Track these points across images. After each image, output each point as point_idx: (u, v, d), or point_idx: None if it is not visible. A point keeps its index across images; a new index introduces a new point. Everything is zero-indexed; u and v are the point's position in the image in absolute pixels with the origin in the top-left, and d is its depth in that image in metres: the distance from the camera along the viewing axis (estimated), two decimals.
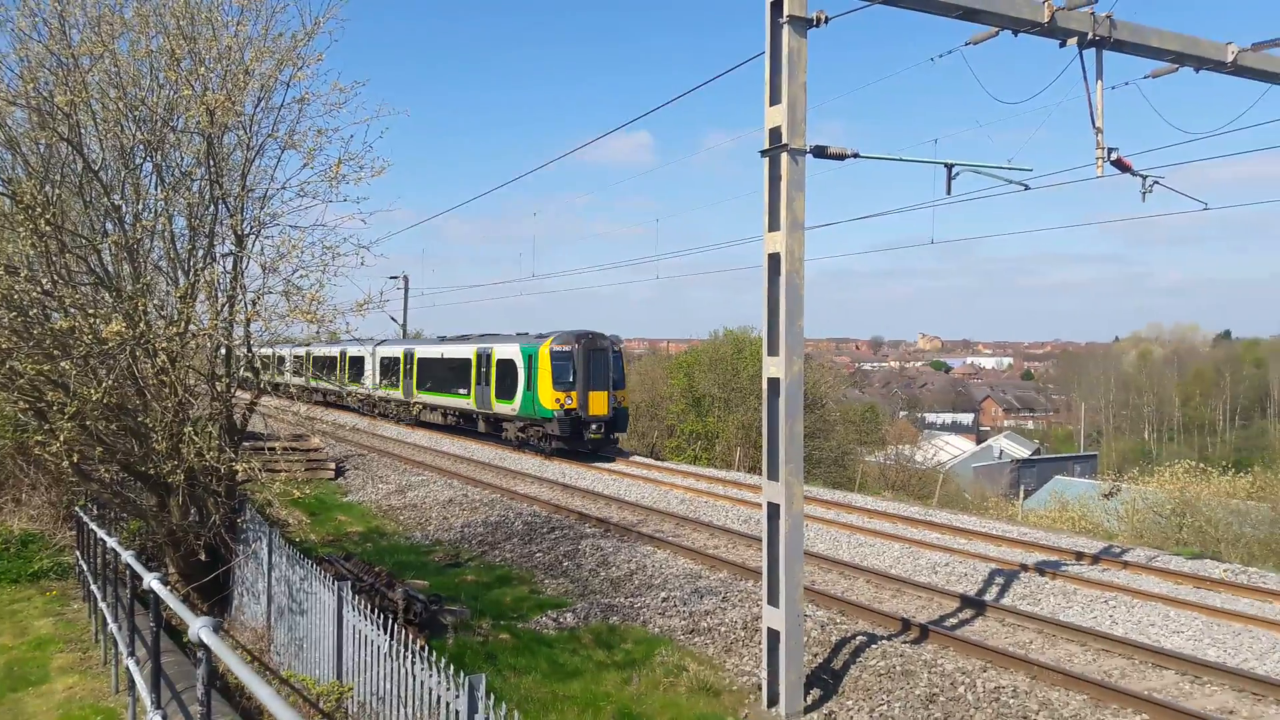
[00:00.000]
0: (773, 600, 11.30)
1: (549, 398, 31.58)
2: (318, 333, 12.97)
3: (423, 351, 42.77)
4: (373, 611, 8.72)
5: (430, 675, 7.10)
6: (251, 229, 13.11)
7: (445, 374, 39.91)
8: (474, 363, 36.67)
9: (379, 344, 47.75)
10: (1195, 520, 29.45)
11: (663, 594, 15.54)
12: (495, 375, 35.08)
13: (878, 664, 12.25)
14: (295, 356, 34.19)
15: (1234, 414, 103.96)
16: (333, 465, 30.04)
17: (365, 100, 20.26)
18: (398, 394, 43.97)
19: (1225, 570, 17.37)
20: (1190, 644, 12.86)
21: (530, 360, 32.45)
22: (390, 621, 8.43)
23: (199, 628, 5.07)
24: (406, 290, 59.78)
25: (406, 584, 14.71)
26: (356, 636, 9.01)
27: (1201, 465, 35.71)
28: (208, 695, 5.22)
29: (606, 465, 31.18)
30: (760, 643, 11.74)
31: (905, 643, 13.01)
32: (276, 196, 13.23)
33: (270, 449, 14.30)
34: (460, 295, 59.17)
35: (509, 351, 34.19)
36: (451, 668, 6.84)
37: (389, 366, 45.82)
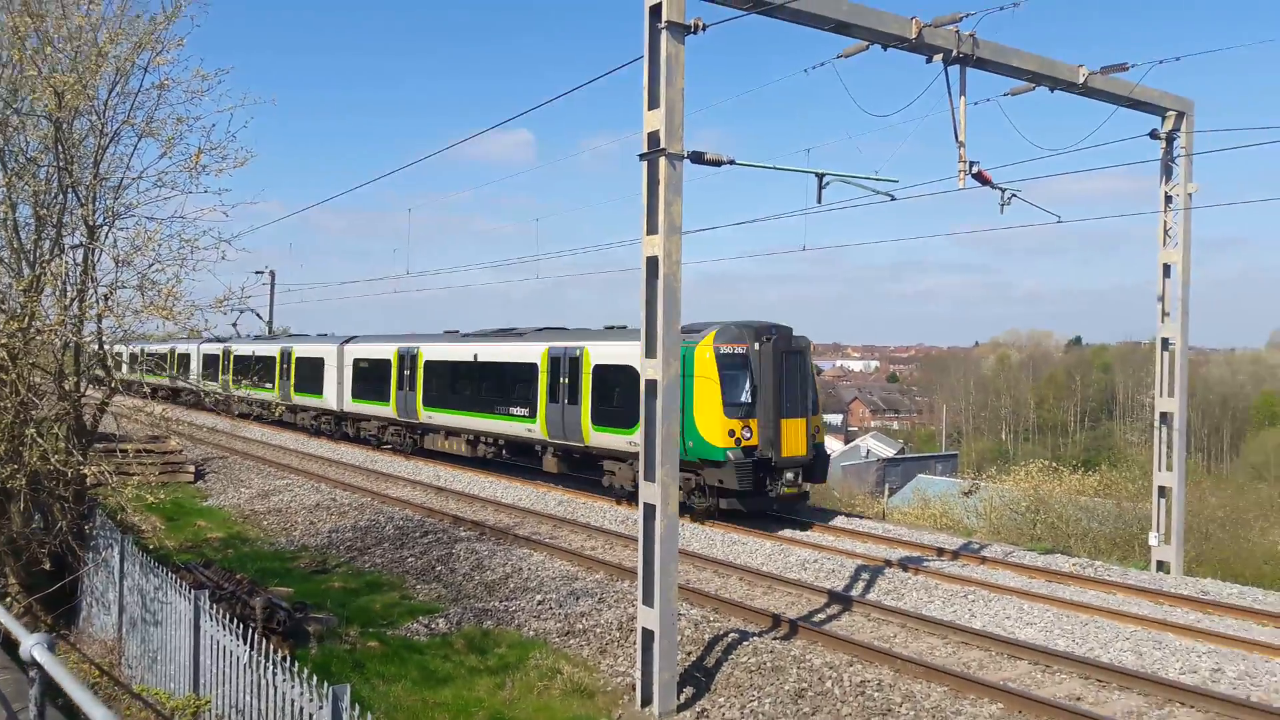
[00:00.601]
0: (647, 600, 11.36)
1: (716, 428, 20.22)
2: (177, 329, 12.39)
3: (433, 351, 30.97)
4: (233, 621, 8.36)
5: (293, 686, 6.84)
6: (105, 220, 12.43)
7: (480, 384, 28.51)
8: (544, 368, 25.18)
9: (346, 341, 36.73)
10: (1048, 516, 31.14)
11: (538, 597, 15.43)
12: (594, 388, 23.50)
13: (749, 660, 12.46)
14: (240, 355, 32.84)
15: (1084, 415, 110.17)
16: (192, 468, 28.71)
17: (230, 88, 19.51)
18: (386, 410, 32.86)
19: (1074, 564, 18.36)
20: (1042, 635, 13.53)
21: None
22: (251, 631, 8.10)
23: (31, 645, 4.75)
24: (273, 286, 57.70)
25: (270, 592, 14.17)
26: (215, 647, 8.62)
27: (1054, 464, 37.81)
28: (40, 718, 4.89)
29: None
30: (635, 643, 11.78)
31: (776, 639, 13.27)
32: (132, 186, 12.58)
33: (123, 451, 13.52)
34: (331, 292, 56.91)
35: (623, 353, 21.94)
36: (315, 678, 6.61)
37: (372, 371, 33.92)
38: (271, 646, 7.66)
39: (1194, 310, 18.17)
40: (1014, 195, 14.91)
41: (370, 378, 34.17)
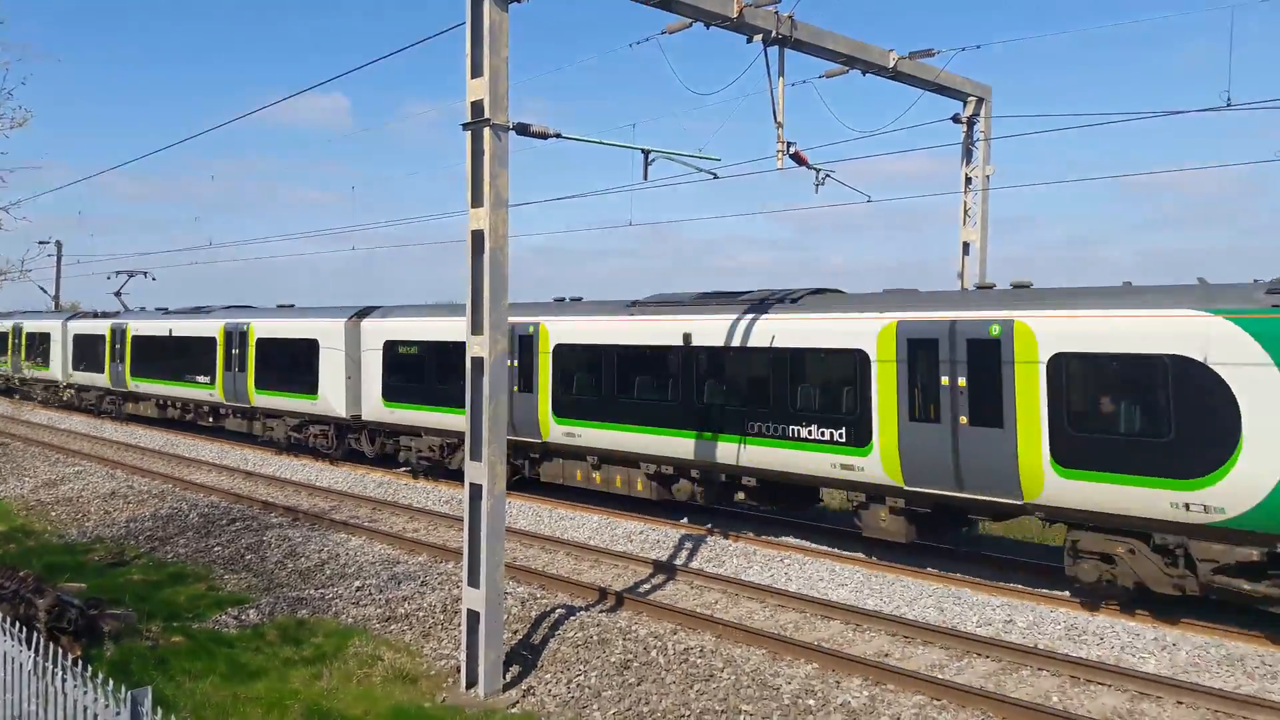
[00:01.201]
0: (473, 581, 11.16)
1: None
2: None
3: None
4: (13, 623, 7.61)
5: (85, 692, 6.29)
6: None
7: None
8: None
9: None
10: None
11: (357, 582, 14.92)
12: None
13: (576, 635, 12.49)
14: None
15: None
16: None
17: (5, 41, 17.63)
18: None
19: None
20: (853, 595, 14.21)
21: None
22: (35, 633, 7.39)
23: None
24: (60, 258, 53.13)
25: (59, 589, 13.05)
26: None
27: None
28: None
29: None
30: (460, 625, 11.57)
31: (603, 612, 13.36)
32: None
33: None
34: (129, 264, 52.73)
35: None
36: (111, 681, 6.10)
37: (90, 346, 37.76)
38: (61, 649, 7.02)
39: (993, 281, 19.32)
40: (828, 175, 15.49)
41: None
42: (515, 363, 20.07)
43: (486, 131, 10.88)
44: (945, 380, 14.07)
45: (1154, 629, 12.42)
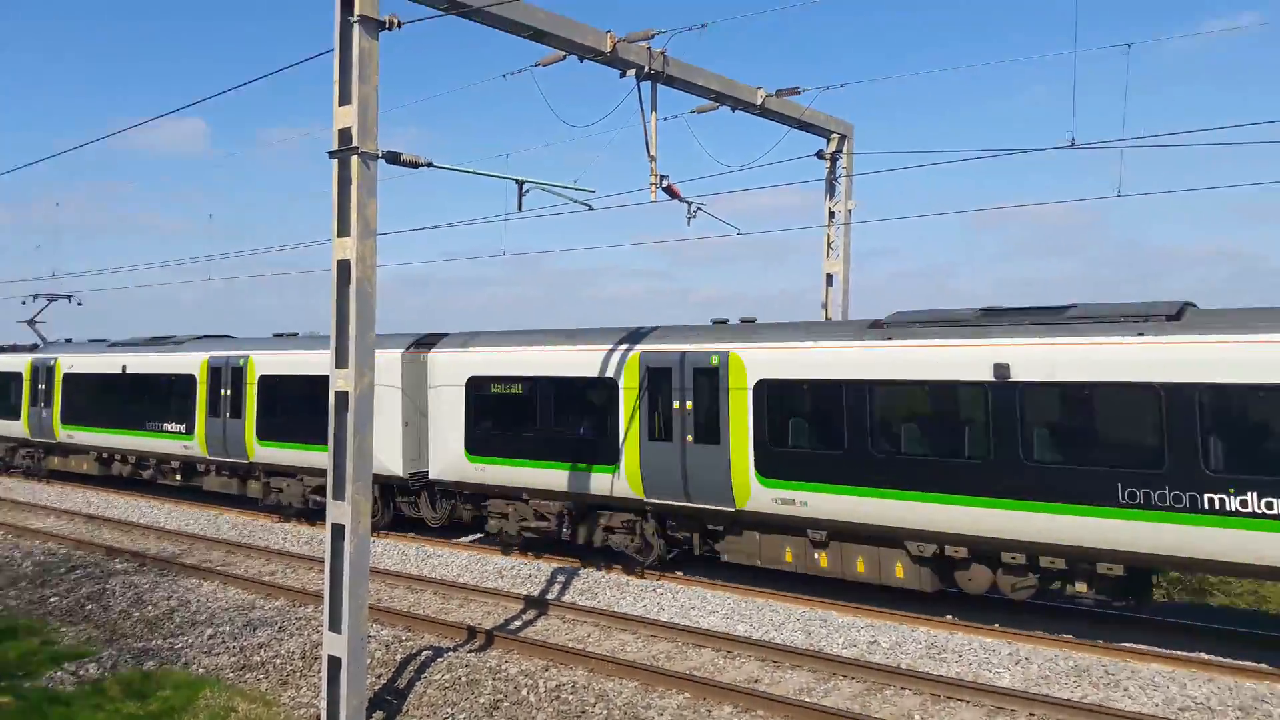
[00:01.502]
0: (335, 626, 10.72)
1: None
2: None
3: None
4: None
5: None
6: None
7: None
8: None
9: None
10: None
11: (209, 630, 14.14)
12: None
13: (443, 677, 12.15)
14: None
15: None
16: None
17: None
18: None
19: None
20: (724, 622, 14.33)
21: None
22: None
23: None
24: None
25: None
26: None
27: None
28: None
29: None
30: (321, 671, 11.09)
31: (472, 651, 13.06)
32: None
33: None
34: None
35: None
36: None
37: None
38: None
39: (852, 314, 20.05)
40: (700, 208, 15.78)
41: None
42: (691, 405, 15.91)
43: (354, 159, 10.62)
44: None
45: (1009, 644, 12.97)
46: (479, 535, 20.28)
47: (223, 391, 22.97)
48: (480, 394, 18.66)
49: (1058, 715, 10.50)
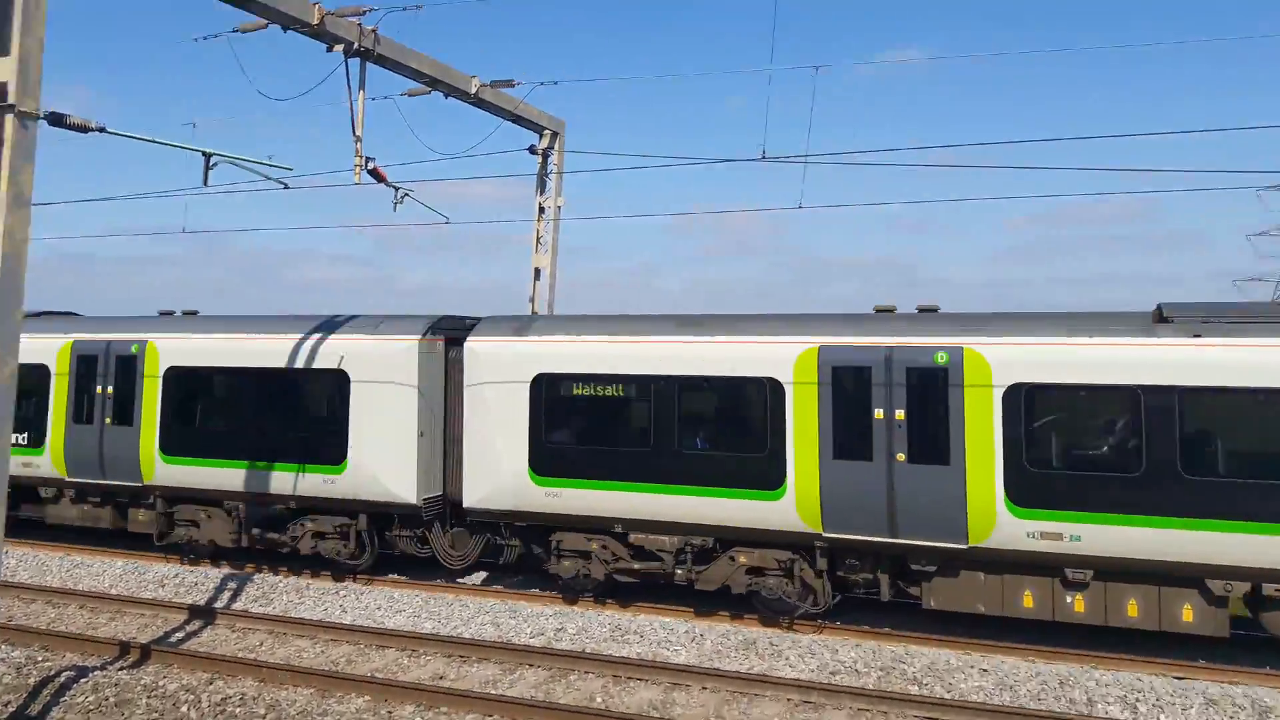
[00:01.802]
0: None
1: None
2: None
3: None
4: None
5: None
6: None
7: None
8: None
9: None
10: None
11: None
12: None
13: (87, 700, 10.84)
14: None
15: None
16: None
17: None
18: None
19: None
20: (410, 621, 13.90)
21: None
22: None
23: None
24: None
25: None
26: None
27: None
28: None
29: None
30: None
31: (123, 669, 11.75)
32: None
33: None
34: None
35: None
36: None
37: None
38: None
39: (558, 307, 20.13)
40: (407, 194, 15.30)
41: None
42: (902, 414, 12.67)
43: (10, 119, 9.14)
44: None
45: (687, 623, 13.59)
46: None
47: (100, 389, 17.47)
48: (556, 396, 14.56)
49: (728, 686, 11.10)
